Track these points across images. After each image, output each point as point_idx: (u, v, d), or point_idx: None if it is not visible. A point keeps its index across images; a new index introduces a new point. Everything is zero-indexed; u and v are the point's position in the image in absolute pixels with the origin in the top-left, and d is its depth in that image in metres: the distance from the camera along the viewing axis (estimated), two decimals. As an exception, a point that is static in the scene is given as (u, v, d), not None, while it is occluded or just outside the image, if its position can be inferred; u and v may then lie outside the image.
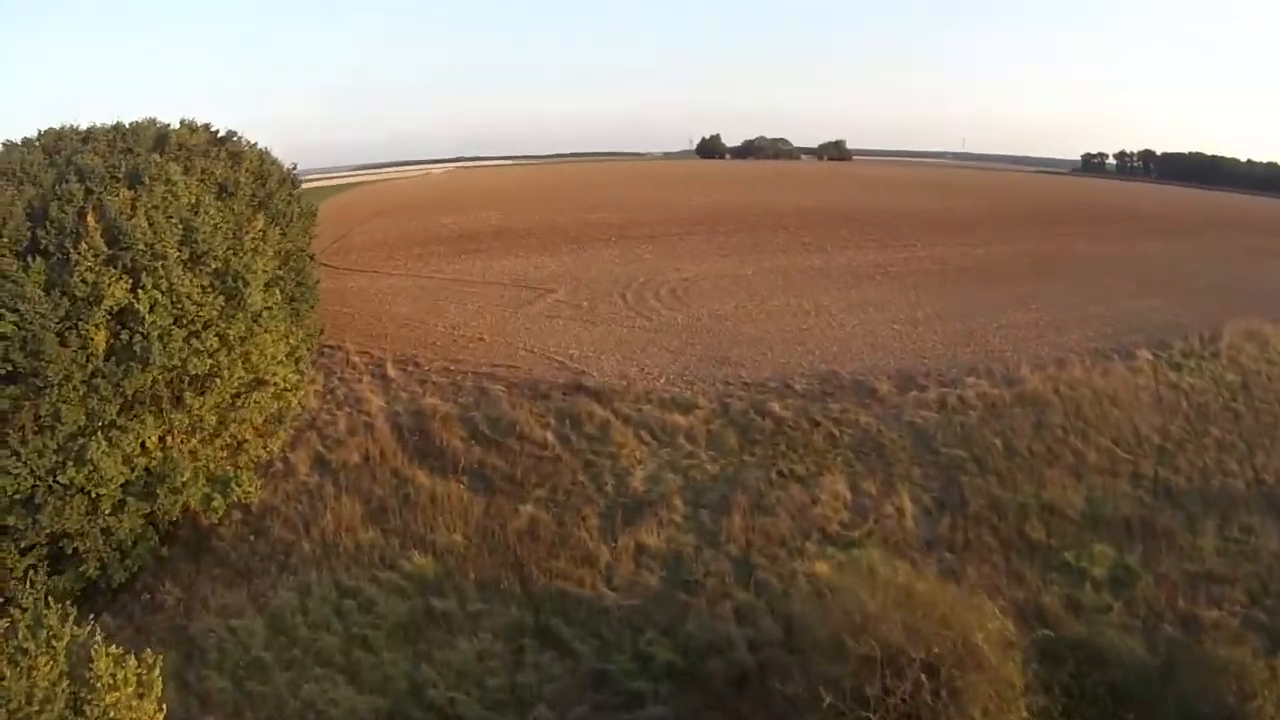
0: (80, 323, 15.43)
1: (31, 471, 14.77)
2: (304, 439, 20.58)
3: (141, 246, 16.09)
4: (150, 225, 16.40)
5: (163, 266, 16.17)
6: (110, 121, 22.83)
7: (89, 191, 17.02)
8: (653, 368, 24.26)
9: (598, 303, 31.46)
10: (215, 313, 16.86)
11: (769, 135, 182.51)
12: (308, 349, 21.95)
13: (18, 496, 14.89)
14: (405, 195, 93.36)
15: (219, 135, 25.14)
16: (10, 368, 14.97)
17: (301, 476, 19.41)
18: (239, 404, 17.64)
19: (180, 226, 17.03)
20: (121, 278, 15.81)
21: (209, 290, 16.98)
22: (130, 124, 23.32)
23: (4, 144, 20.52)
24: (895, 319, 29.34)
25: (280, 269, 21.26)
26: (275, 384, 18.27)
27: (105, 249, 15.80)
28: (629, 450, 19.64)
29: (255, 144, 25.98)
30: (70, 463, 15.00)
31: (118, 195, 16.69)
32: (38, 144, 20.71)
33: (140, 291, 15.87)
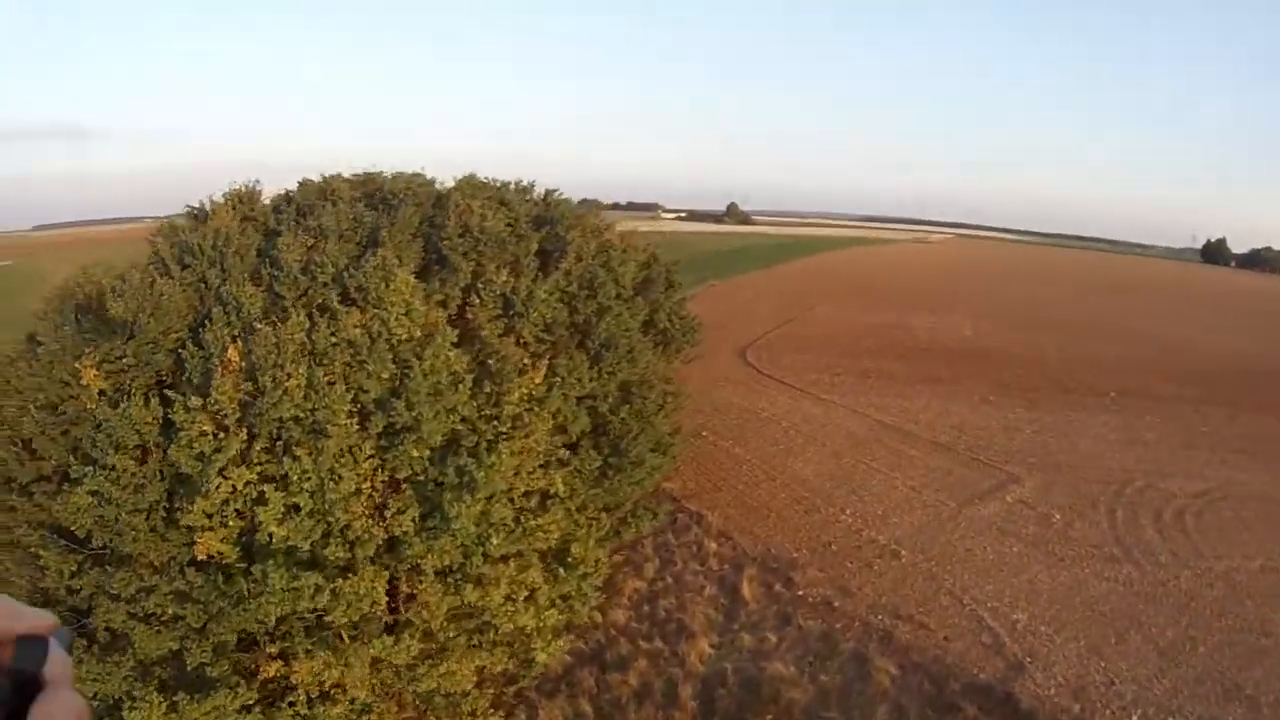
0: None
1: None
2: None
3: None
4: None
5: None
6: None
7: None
8: (1126, 679, 14.45)
9: (1074, 518, 20.82)
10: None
11: (1276, 246, 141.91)
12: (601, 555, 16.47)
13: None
14: (886, 268, 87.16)
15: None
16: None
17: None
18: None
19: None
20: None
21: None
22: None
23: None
24: None
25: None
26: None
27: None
28: None
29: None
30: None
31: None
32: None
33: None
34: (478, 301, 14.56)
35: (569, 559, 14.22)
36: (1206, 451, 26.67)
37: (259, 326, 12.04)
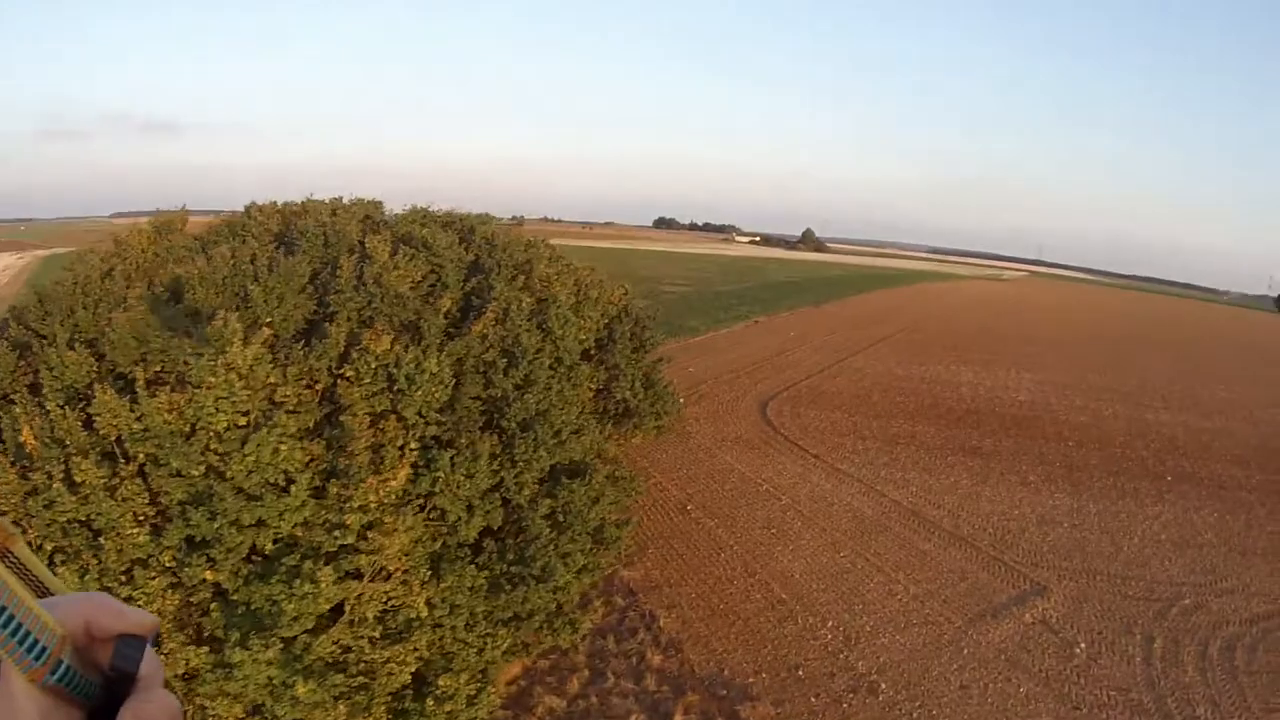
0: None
1: None
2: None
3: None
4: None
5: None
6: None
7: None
8: None
9: (1103, 649, 16.76)
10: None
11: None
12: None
13: None
14: (948, 309, 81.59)
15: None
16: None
17: None
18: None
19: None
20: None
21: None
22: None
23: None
24: None
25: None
26: None
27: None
28: None
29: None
30: None
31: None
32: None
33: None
34: (352, 375, 12.29)
35: (433, 692, 11.62)
36: (1273, 560, 22.04)
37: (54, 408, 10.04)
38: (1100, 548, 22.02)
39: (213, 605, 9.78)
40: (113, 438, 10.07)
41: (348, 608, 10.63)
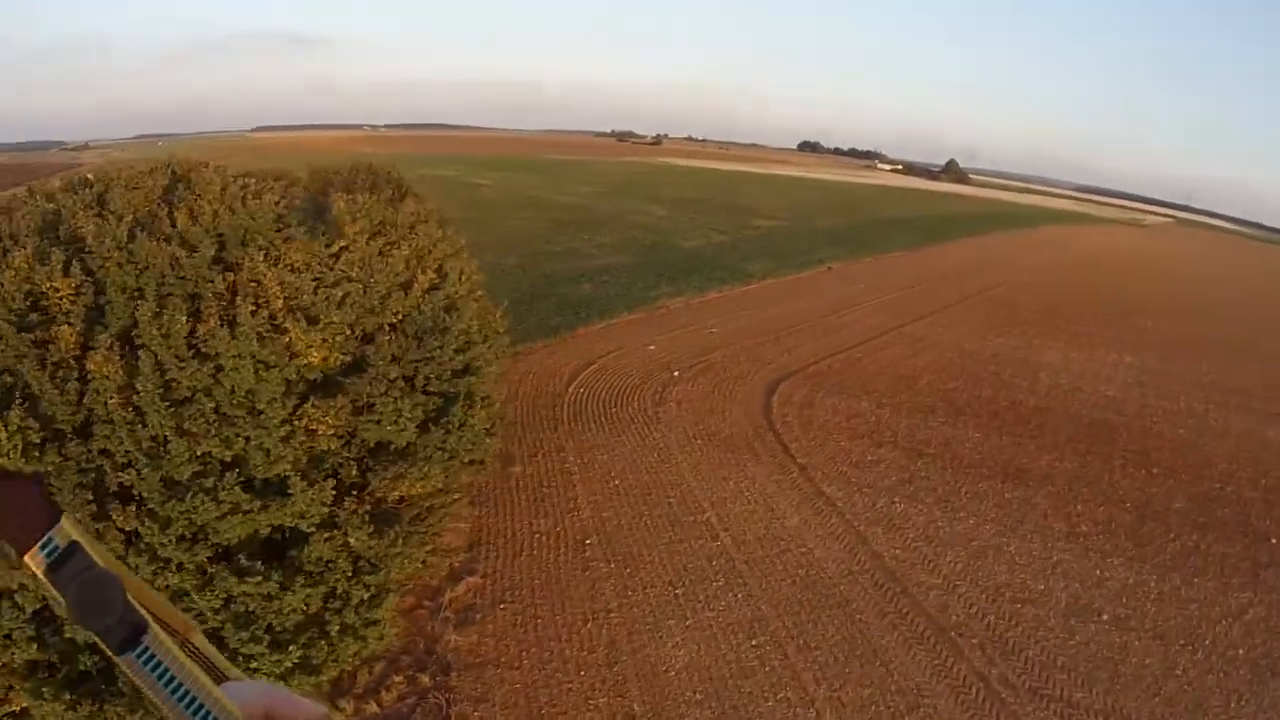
0: None
1: None
2: None
3: None
4: None
5: None
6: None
7: None
8: None
9: None
10: None
11: None
12: None
13: None
14: (1064, 259, 68.26)
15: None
16: None
17: None
18: None
19: None
20: None
21: None
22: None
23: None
24: None
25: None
26: None
27: None
28: None
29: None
30: None
31: None
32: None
33: None
34: None
35: None
36: None
37: None
38: (1144, 666, 14.94)
39: None
40: None
41: None
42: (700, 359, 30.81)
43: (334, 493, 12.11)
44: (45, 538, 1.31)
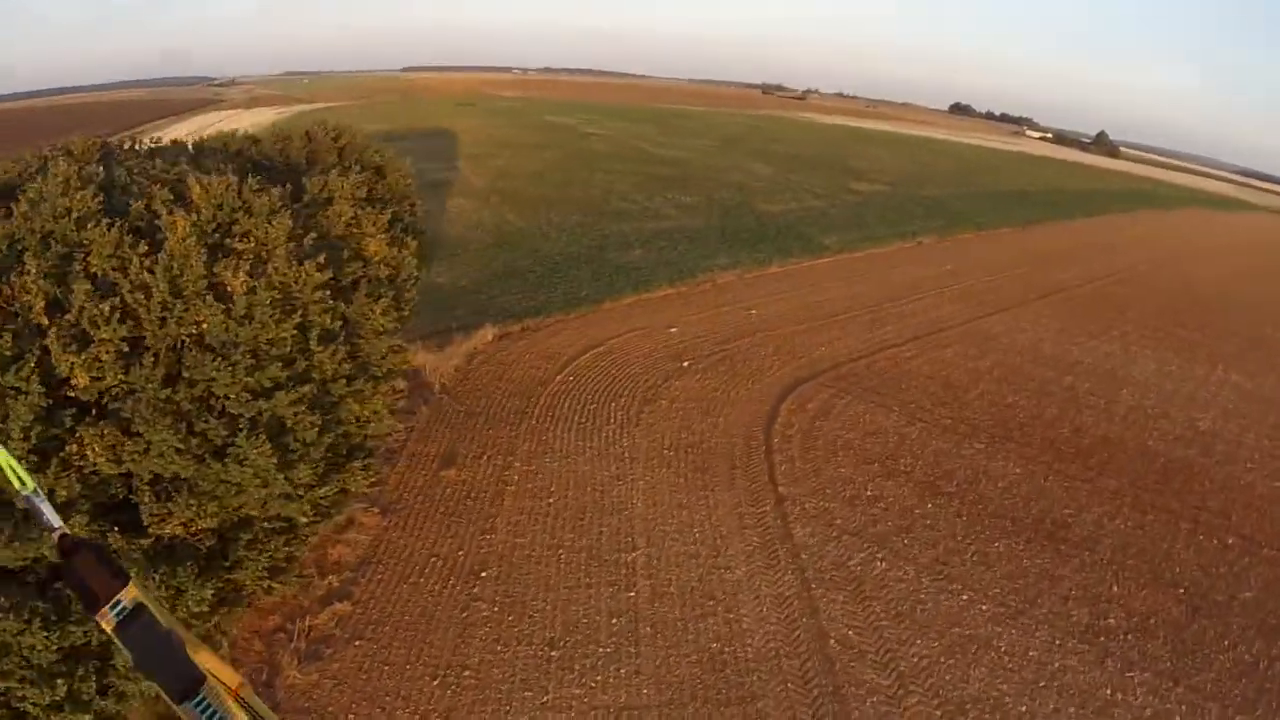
0: None
1: None
2: None
3: None
4: None
5: None
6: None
7: None
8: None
9: None
10: None
11: None
12: None
13: None
14: (1198, 249, 56.00)
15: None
16: None
17: None
18: None
19: None
20: None
21: None
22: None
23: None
24: None
25: None
26: None
27: None
28: None
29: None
30: None
31: None
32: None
33: None
34: None
35: None
36: None
37: None
38: None
39: None
40: None
41: None
42: (722, 347, 27.30)
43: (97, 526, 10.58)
44: (115, 599, 1.85)
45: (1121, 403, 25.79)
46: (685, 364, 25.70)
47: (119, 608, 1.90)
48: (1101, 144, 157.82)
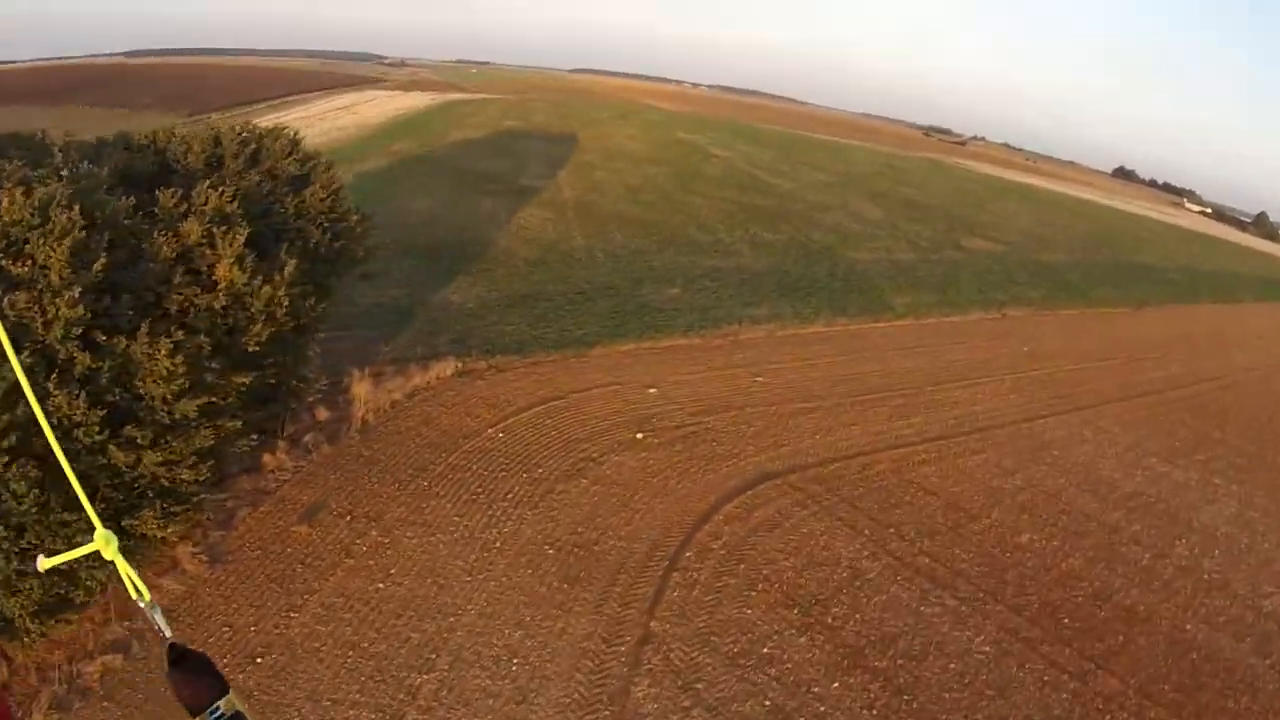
0: None
1: None
2: None
3: None
4: None
5: None
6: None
7: None
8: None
9: None
10: None
11: None
12: None
13: None
14: None
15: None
16: None
17: None
18: None
19: None
20: None
21: None
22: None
23: None
24: None
25: None
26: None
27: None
28: None
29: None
30: None
31: None
32: None
33: None
34: None
35: None
36: None
37: None
38: None
39: None
40: None
41: None
42: (697, 420, 23.80)
43: None
44: (214, 705, 2.06)
45: (1172, 559, 19.53)
46: (641, 435, 22.51)
47: (217, 714, 2.22)
48: (1260, 225, 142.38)
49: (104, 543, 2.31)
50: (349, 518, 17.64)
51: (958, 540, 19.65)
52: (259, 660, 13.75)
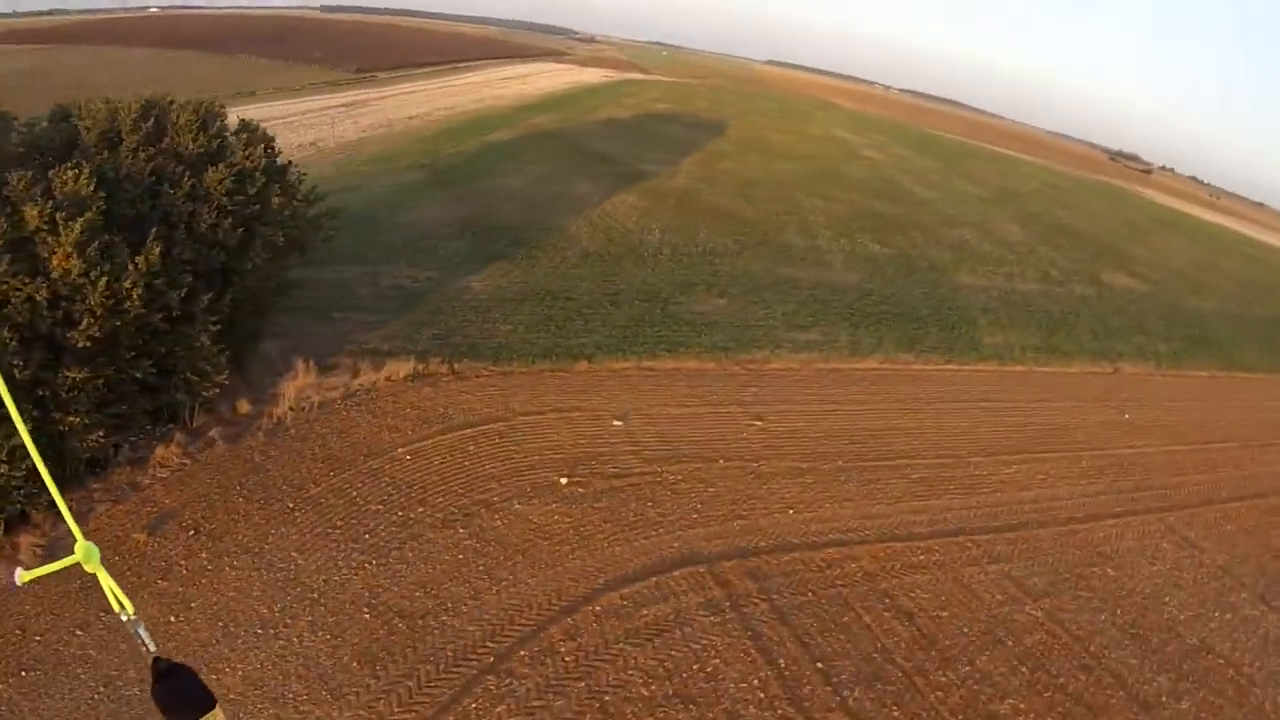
0: None
1: None
2: None
3: None
4: None
5: None
6: None
7: None
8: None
9: None
10: None
11: None
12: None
13: None
14: None
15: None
16: None
17: None
18: None
19: None
20: None
21: None
22: None
23: None
24: None
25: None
26: None
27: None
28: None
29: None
30: None
31: None
32: None
33: None
34: None
35: None
36: None
37: None
38: None
39: None
40: None
41: None
42: (647, 469, 19.98)
43: None
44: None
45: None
46: (566, 481, 19.17)
47: None
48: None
49: (85, 555, 2.35)
50: (193, 532, 16.31)
51: (905, 698, 14.29)
52: (24, 674, 12.73)
